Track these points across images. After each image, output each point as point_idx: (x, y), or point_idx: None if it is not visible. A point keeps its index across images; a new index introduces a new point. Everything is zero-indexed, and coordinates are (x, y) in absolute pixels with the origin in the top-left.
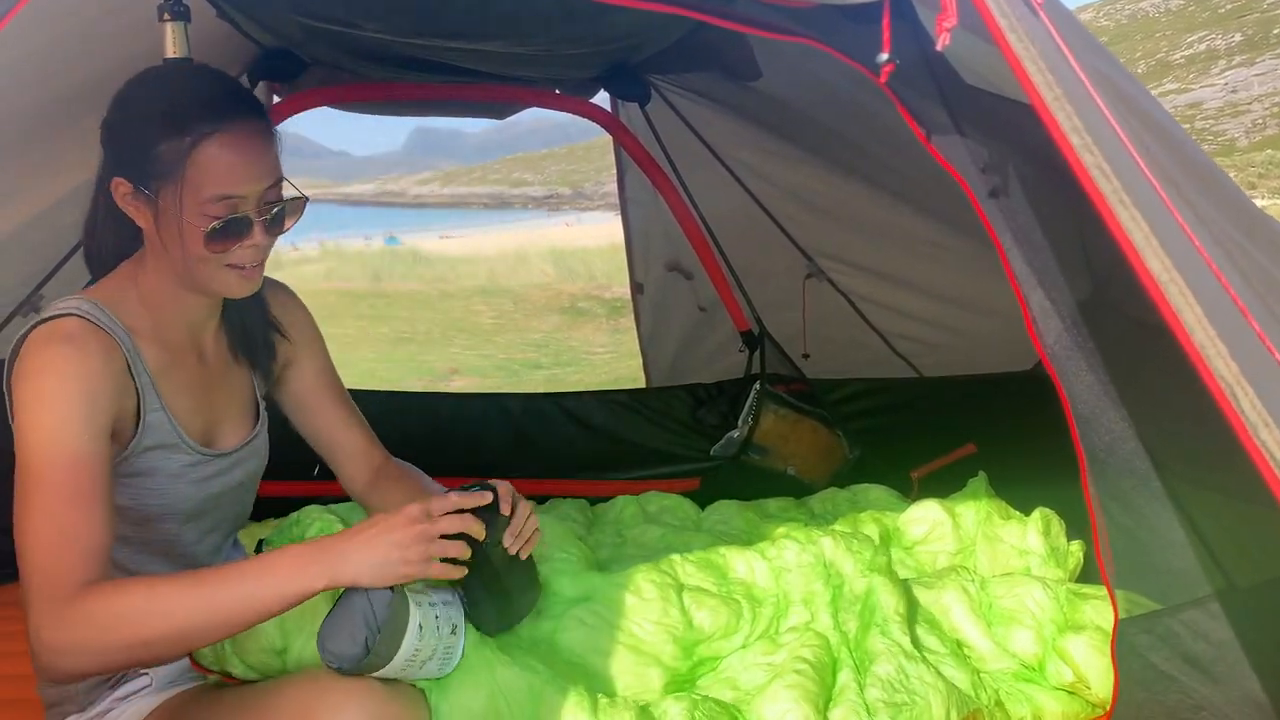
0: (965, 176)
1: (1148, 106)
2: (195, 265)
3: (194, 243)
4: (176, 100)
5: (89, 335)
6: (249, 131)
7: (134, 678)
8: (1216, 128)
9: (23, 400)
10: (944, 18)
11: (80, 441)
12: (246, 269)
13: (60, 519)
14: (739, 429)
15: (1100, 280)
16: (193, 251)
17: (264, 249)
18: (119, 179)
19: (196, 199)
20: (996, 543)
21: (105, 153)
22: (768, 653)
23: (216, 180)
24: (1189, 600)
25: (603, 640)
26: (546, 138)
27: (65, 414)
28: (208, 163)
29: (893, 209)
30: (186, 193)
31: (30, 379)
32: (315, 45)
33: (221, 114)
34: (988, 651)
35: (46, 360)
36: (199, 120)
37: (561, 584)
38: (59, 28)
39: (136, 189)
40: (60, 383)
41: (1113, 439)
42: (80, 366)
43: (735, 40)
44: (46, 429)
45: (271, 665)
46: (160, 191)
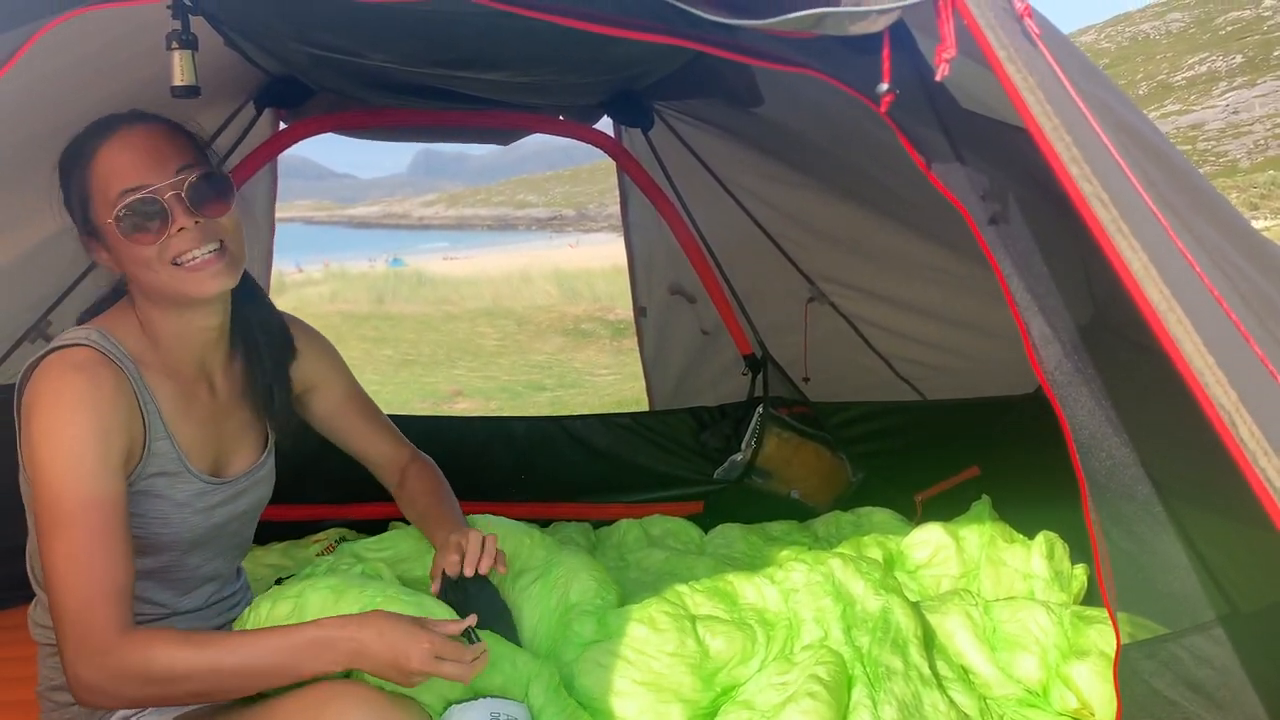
0: (965, 204)
1: (1147, 133)
2: (147, 275)
3: (124, 246)
4: (74, 140)
5: (99, 365)
6: (142, 131)
7: None
8: (1218, 149)
9: (38, 434)
10: (943, 49)
11: (97, 481)
12: (195, 262)
13: (85, 563)
14: (742, 452)
15: (1101, 305)
16: (132, 256)
17: (200, 235)
18: (82, 237)
19: (106, 203)
20: (1000, 566)
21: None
22: (782, 672)
23: (115, 177)
24: (1192, 625)
25: (620, 681)
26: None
27: (81, 452)
28: (102, 167)
29: (894, 233)
30: (98, 203)
31: (44, 412)
32: (321, 73)
33: (106, 127)
34: (992, 677)
35: (59, 391)
36: (90, 140)
37: (584, 627)
38: (69, 55)
39: (85, 234)
40: (73, 415)
41: (1113, 464)
42: (92, 397)
43: (737, 67)
44: (63, 469)
45: None
46: (91, 220)
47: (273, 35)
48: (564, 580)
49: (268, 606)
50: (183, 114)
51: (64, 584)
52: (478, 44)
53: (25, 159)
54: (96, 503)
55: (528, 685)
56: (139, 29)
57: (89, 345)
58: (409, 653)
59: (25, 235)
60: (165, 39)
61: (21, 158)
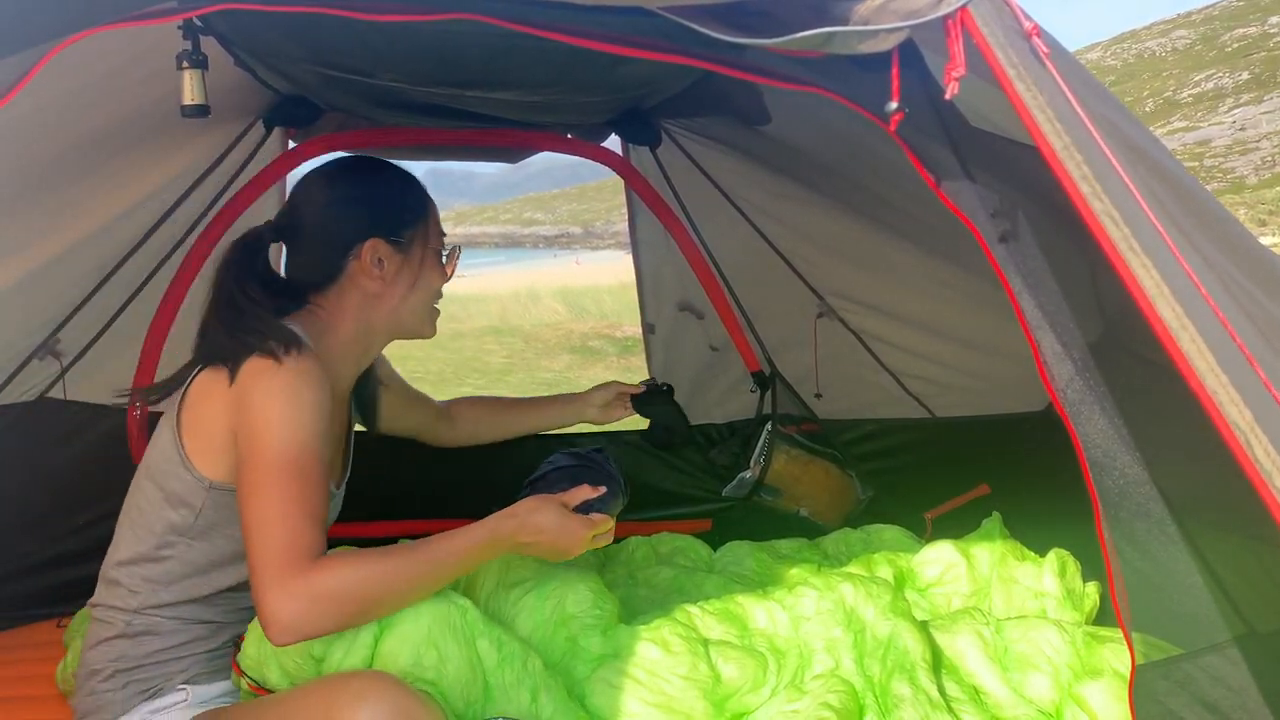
0: (975, 221)
1: (1155, 153)
2: (419, 303)
3: (434, 274)
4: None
5: (313, 358)
6: None
7: (171, 692)
8: (1225, 165)
9: (268, 397)
10: (952, 67)
11: (320, 444)
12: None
13: (306, 502)
14: (750, 470)
15: (1111, 322)
16: (430, 284)
17: None
18: (375, 240)
19: (438, 234)
20: (1012, 584)
21: (335, 229)
22: (792, 700)
23: (438, 221)
24: (1207, 645)
25: (631, 702)
26: (557, 178)
27: (315, 420)
28: (435, 210)
29: (902, 250)
30: (432, 232)
31: (285, 377)
32: (331, 93)
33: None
34: (1005, 699)
35: (302, 371)
36: (412, 177)
37: (591, 641)
38: (80, 76)
39: (390, 241)
40: (314, 394)
41: (1126, 482)
42: (316, 377)
43: (746, 86)
44: (302, 427)
45: (306, 673)
46: (414, 235)
47: (282, 55)
48: (559, 591)
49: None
50: (193, 132)
51: (277, 521)
52: (487, 63)
53: (36, 178)
54: (318, 460)
55: (536, 692)
56: (149, 49)
57: (303, 340)
58: (570, 545)
59: (34, 254)
60: (176, 59)
61: (32, 177)
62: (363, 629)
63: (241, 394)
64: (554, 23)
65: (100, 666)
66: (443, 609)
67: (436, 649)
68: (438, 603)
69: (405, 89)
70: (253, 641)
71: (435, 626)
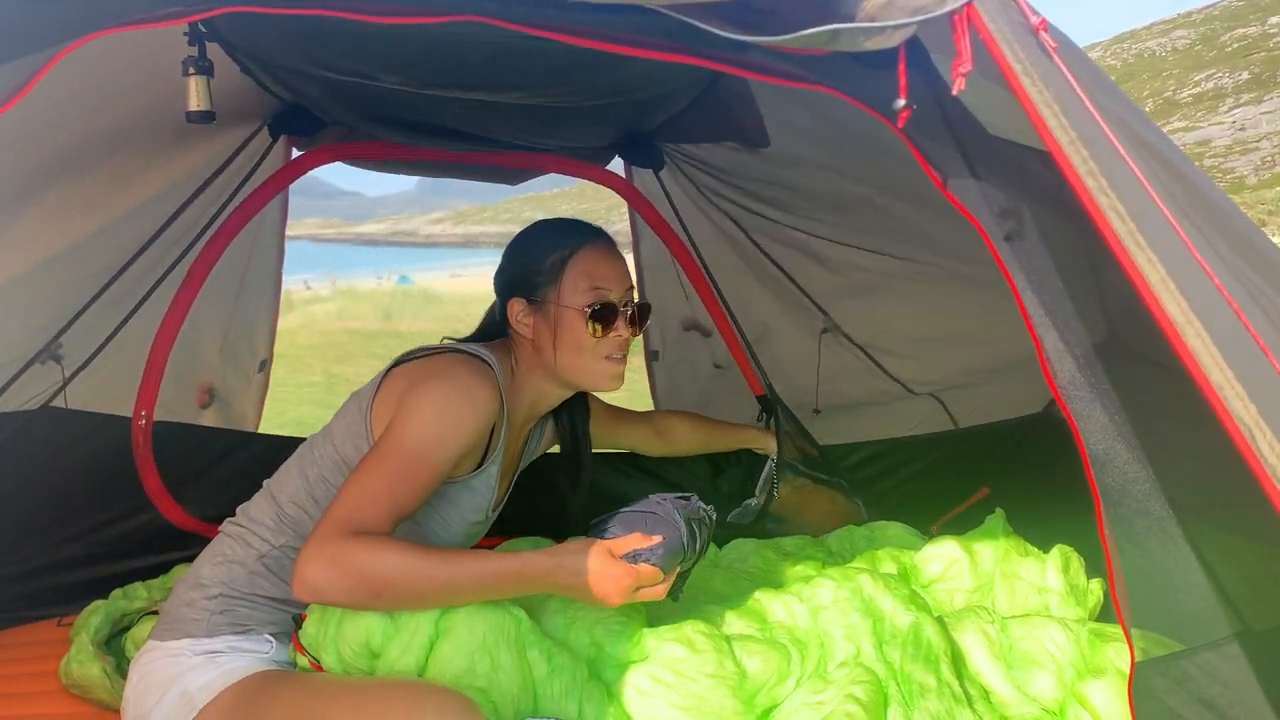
0: (981, 220)
1: (1163, 148)
2: (576, 358)
3: (575, 330)
4: (556, 228)
5: (492, 387)
6: (607, 245)
7: (260, 639)
8: (1225, 165)
9: (431, 395)
10: (959, 63)
11: (444, 455)
12: (617, 359)
13: (393, 491)
14: (756, 498)
15: (1115, 320)
16: (575, 340)
17: (626, 345)
18: (514, 299)
19: (575, 291)
20: (1015, 580)
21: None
22: (817, 691)
23: (590, 275)
24: (1205, 642)
25: (662, 708)
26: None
27: (453, 433)
28: (583, 264)
29: (902, 263)
30: (566, 288)
31: (445, 383)
32: (333, 105)
33: (586, 233)
34: (1009, 697)
35: (468, 383)
36: (574, 235)
37: (617, 647)
38: (85, 79)
39: (529, 301)
40: (466, 406)
41: (1127, 479)
42: (483, 402)
43: (745, 104)
44: (434, 432)
45: (361, 663)
46: (546, 295)
47: (286, 61)
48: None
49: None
50: (198, 137)
51: (364, 490)
52: (490, 64)
53: (39, 182)
54: (434, 469)
55: (582, 703)
56: (154, 54)
57: (490, 365)
58: (608, 593)
59: (35, 258)
60: (181, 65)
61: (36, 180)
62: (420, 631)
63: (414, 381)
64: (557, 23)
65: (209, 583)
66: (499, 618)
67: (490, 657)
68: (494, 611)
69: (408, 92)
70: (313, 621)
71: (490, 635)
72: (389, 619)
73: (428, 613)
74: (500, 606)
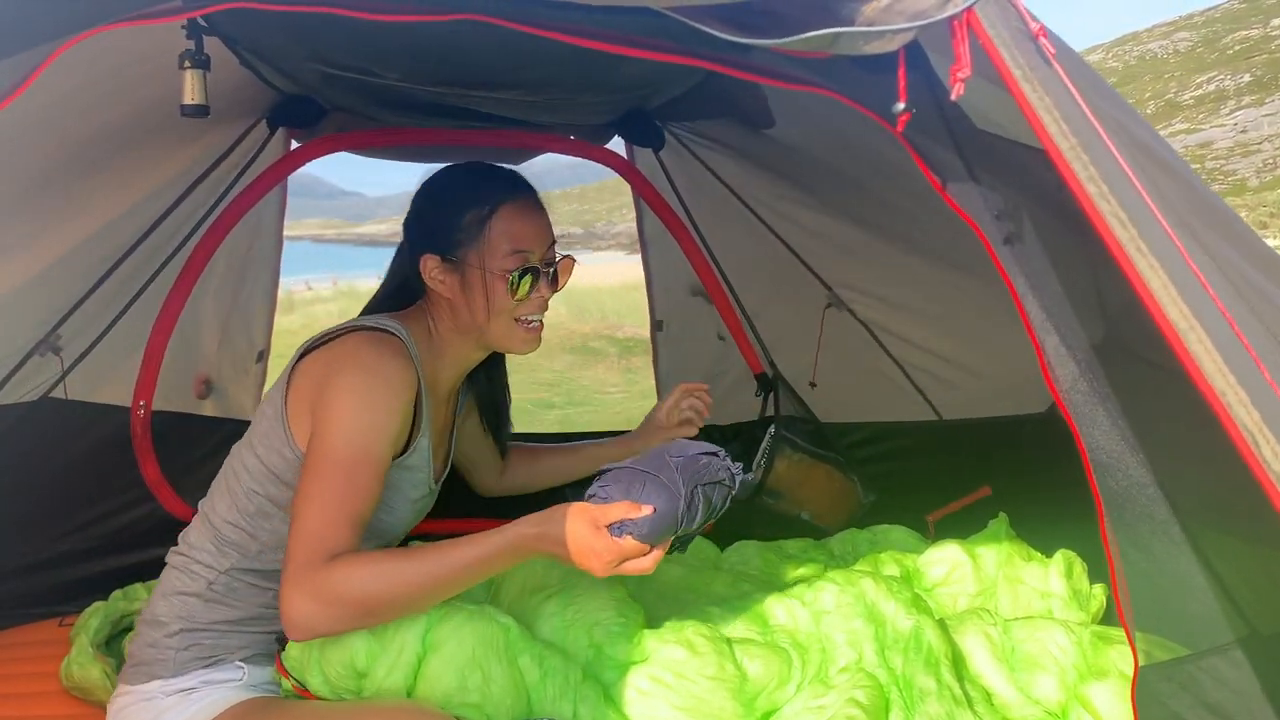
0: (980, 223)
1: (1162, 153)
2: (494, 321)
3: (497, 294)
4: (477, 181)
5: (406, 359)
6: (528, 198)
7: (229, 667)
8: (1227, 167)
9: (344, 390)
10: (958, 68)
11: (381, 446)
12: (535, 324)
13: (347, 505)
14: (753, 473)
15: (1114, 323)
16: (495, 304)
17: (544, 305)
18: (427, 255)
19: (496, 253)
20: (1018, 584)
21: (409, 238)
22: (818, 695)
23: (513, 237)
24: (1210, 647)
25: (662, 708)
26: (559, 178)
27: (381, 420)
28: (503, 222)
29: (905, 251)
30: (489, 250)
31: (355, 373)
32: (334, 92)
33: (513, 187)
34: (1012, 699)
35: (373, 364)
36: (496, 192)
37: (616, 648)
38: (82, 75)
39: (444, 259)
40: (385, 388)
41: (1130, 484)
42: (398, 380)
43: (749, 87)
44: (362, 428)
45: (347, 684)
46: (465, 255)
47: (286, 55)
48: (581, 598)
49: None
50: (197, 130)
51: (320, 513)
52: (491, 63)
53: (38, 179)
54: (374, 463)
55: (577, 705)
56: (153, 47)
57: (400, 339)
58: (590, 566)
59: (36, 253)
60: (179, 58)
61: (34, 177)
62: (406, 649)
63: (325, 375)
64: (559, 23)
65: (167, 620)
66: (487, 630)
67: (481, 670)
68: (481, 623)
69: (409, 89)
70: (297, 644)
71: (479, 648)
72: (373, 638)
73: (413, 629)
74: (487, 617)
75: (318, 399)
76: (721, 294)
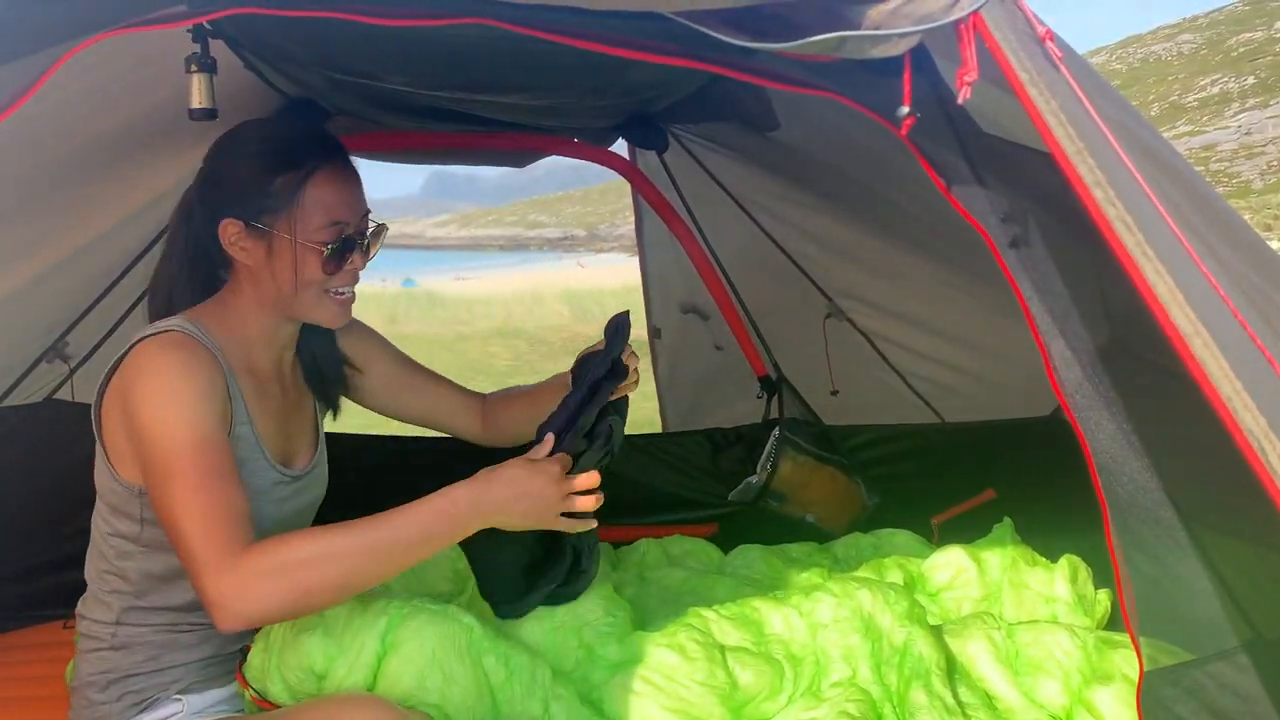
0: (986, 226)
1: (1167, 156)
2: (301, 293)
3: (309, 267)
4: (288, 140)
5: (196, 346)
6: (343, 165)
7: (167, 703)
8: (1231, 170)
9: (145, 397)
10: (964, 71)
11: (208, 426)
12: (345, 296)
13: (208, 493)
14: (757, 475)
15: (1118, 327)
16: (305, 276)
17: (356, 276)
18: (229, 220)
19: (310, 225)
20: (1023, 590)
21: (207, 202)
22: (809, 708)
23: (328, 207)
24: (1216, 652)
25: (649, 707)
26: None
27: (191, 404)
28: (318, 190)
29: (910, 254)
30: (302, 221)
31: (150, 377)
32: (339, 96)
33: (327, 150)
34: (1016, 703)
35: (164, 362)
36: (311, 154)
37: (607, 648)
38: (89, 79)
39: (248, 225)
40: (183, 377)
41: (1135, 488)
42: (196, 367)
43: (753, 90)
44: (176, 419)
45: (308, 689)
46: (273, 224)
47: (291, 59)
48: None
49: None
50: (203, 135)
51: (188, 514)
52: (496, 67)
53: (45, 183)
54: (209, 444)
55: (547, 703)
56: (158, 52)
57: (181, 331)
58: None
59: (43, 258)
60: (185, 62)
61: (42, 181)
62: (365, 649)
63: (126, 394)
64: (565, 27)
65: (93, 678)
66: (448, 629)
67: (441, 670)
68: (443, 623)
69: (414, 93)
70: (258, 653)
71: (440, 648)
72: (329, 639)
73: (373, 629)
74: (449, 617)
75: (128, 422)
76: (725, 296)
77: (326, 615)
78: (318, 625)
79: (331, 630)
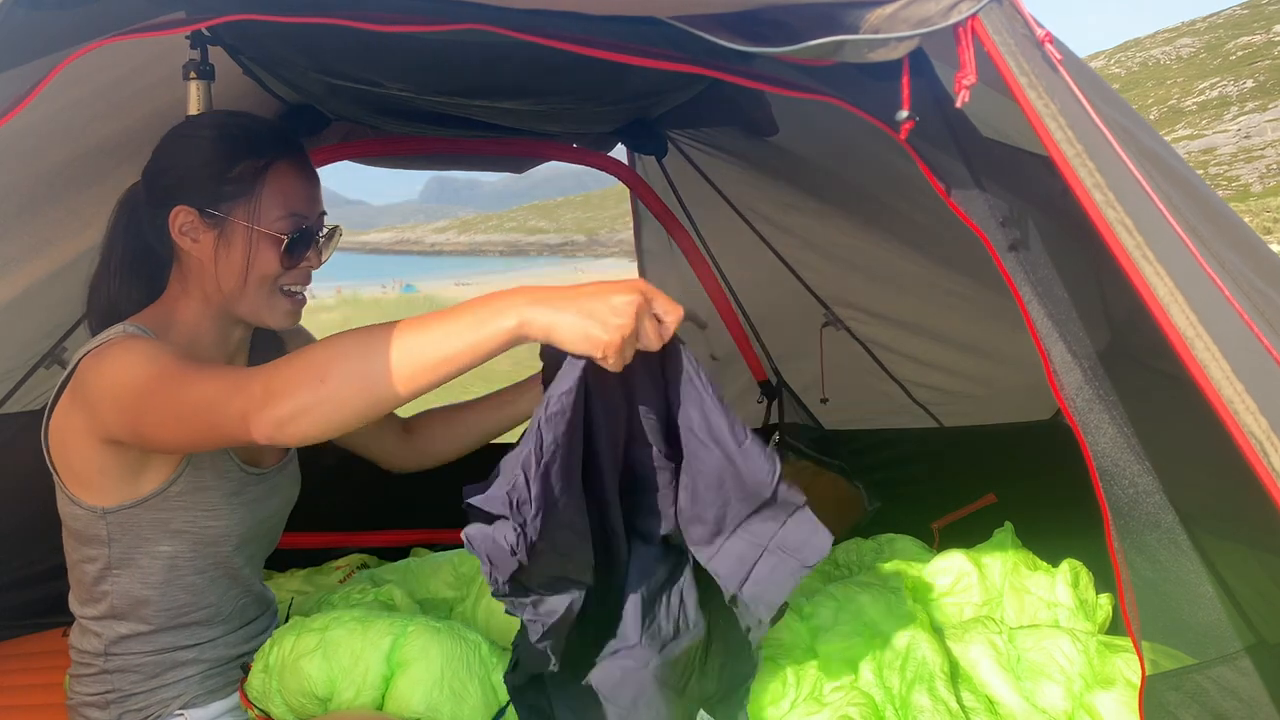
0: (985, 230)
1: (1169, 159)
2: (251, 288)
3: (264, 259)
4: (249, 129)
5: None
6: (303, 158)
7: (170, 718)
8: (1230, 173)
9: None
10: (963, 75)
11: (174, 353)
12: (298, 296)
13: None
14: None
15: (1118, 331)
16: (259, 268)
17: (309, 275)
18: (180, 208)
19: (270, 214)
20: (1024, 594)
21: (155, 191)
22: (812, 712)
23: (288, 198)
24: (1218, 656)
25: None
26: (562, 186)
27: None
28: (279, 180)
29: (910, 259)
30: (261, 209)
31: (105, 362)
32: (337, 102)
33: (288, 142)
34: (1017, 708)
35: (120, 349)
36: (272, 144)
37: None
38: (87, 86)
39: (202, 213)
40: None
41: (1136, 492)
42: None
43: (753, 95)
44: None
45: (310, 710)
46: (231, 211)
47: (289, 65)
48: None
49: (291, 639)
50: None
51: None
52: (494, 72)
53: (43, 190)
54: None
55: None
56: (156, 58)
57: (129, 335)
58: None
59: (41, 265)
60: (183, 69)
61: (40, 189)
62: (371, 670)
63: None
64: (563, 32)
65: (92, 698)
66: (455, 646)
67: (450, 689)
68: (449, 640)
69: (413, 99)
70: (257, 673)
71: (448, 667)
72: (327, 662)
73: (376, 649)
74: (454, 634)
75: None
76: (725, 301)
77: (326, 639)
78: (317, 649)
79: (331, 654)
